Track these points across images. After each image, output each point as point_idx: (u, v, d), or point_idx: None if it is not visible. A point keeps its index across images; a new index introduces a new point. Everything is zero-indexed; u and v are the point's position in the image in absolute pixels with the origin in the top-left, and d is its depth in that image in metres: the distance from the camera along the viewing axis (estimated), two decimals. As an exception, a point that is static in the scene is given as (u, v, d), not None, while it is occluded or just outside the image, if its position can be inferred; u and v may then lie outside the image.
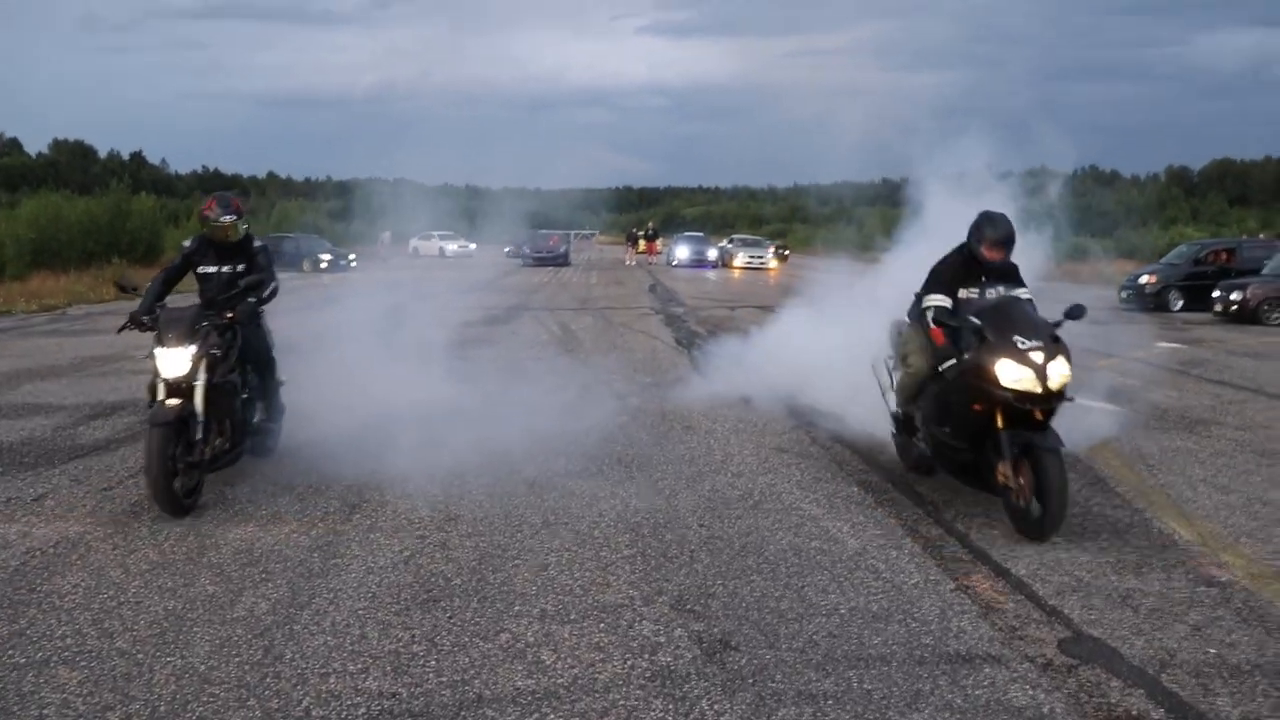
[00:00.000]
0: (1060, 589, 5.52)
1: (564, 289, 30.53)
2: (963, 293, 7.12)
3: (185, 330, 6.82)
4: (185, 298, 7.66)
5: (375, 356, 11.04)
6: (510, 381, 11.73)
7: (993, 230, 7.06)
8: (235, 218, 7.56)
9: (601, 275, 39.50)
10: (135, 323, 7.22)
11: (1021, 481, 6.33)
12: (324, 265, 39.16)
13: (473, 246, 47.06)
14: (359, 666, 4.46)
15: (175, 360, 6.74)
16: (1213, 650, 4.72)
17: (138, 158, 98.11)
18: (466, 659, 4.55)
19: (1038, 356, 6.28)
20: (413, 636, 4.79)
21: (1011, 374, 6.26)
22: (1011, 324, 6.48)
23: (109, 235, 36.35)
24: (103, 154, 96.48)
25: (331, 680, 4.33)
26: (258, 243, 7.83)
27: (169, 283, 7.65)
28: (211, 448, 6.91)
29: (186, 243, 7.88)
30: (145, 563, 5.80)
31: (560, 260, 44.74)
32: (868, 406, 9.31)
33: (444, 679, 4.34)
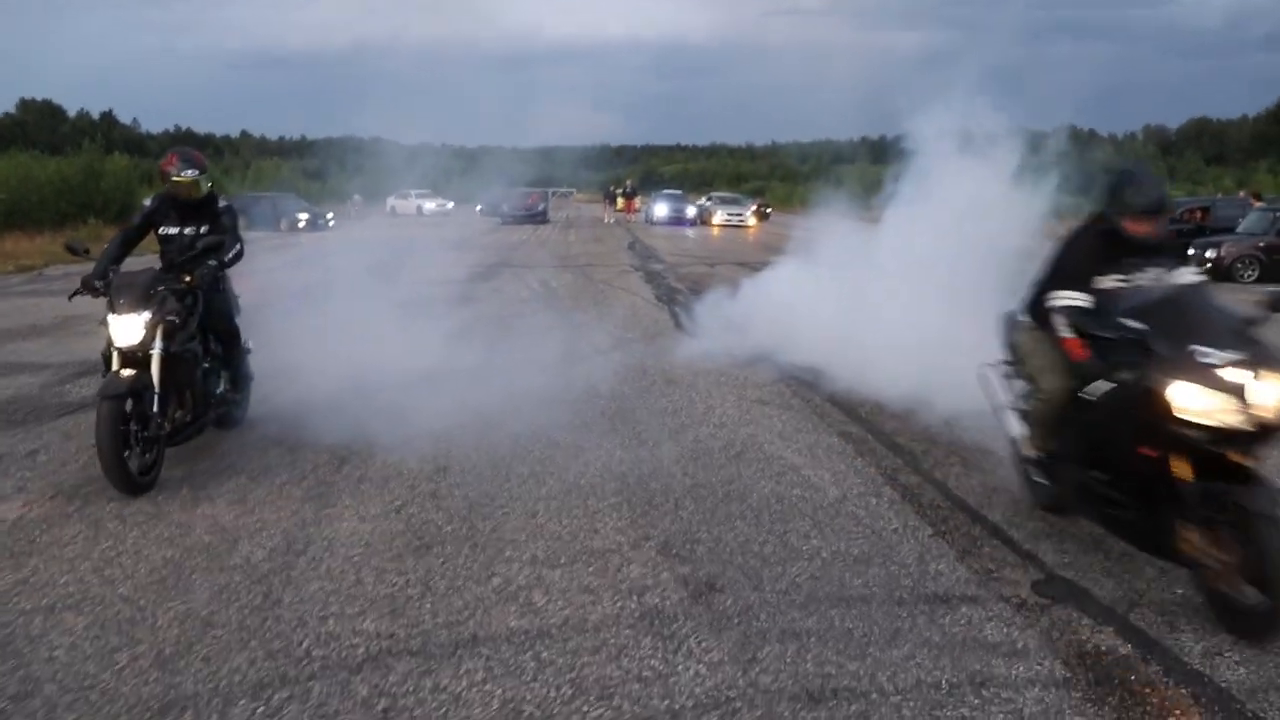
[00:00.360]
0: (1035, 534, 5.69)
1: (543, 246, 30.57)
2: (1104, 281, 5.29)
3: (139, 296, 6.38)
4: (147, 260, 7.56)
5: (357, 315, 11.09)
6: (493, 338, 11.82)
7: (1139, 194, 5.22)
8: (197, 173, 7.09)
9: (580, 233, 39.50)
10: (88, 288, 6.74)
11: (1222, 557, 4.41)
12: (301, 225, 38.87)
13: (450, 205, 46.86)
14: (356, 610, 4.60)
15: (128, 328, 6.33)
16: (1179, 590, 4.90)
17: (108, 117, 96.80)
18: (461, 601, 4.69)
19: (1235, 374, 4.37)
20: (407, 581, 4.93)
21: (1196, 402, 4.38)
22: (1189, 327, 4.60)
23: (82, 196, 36.07)
24: (72, 113, 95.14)
25: (330, 623, 4.46)
26: (223, 202, 7.35)
27: (127, 244, 7.21)
28: (171, 421, 6.60)
29: (147, 201, 7.37)
30: (141, 514, 5.91)
31: (538, 218, 44.58)
32: (848, 361, 9.52)
33: (440, 620, 4.49)
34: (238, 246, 7.21)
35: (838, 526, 5.79)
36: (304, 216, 39.26)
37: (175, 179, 7.05)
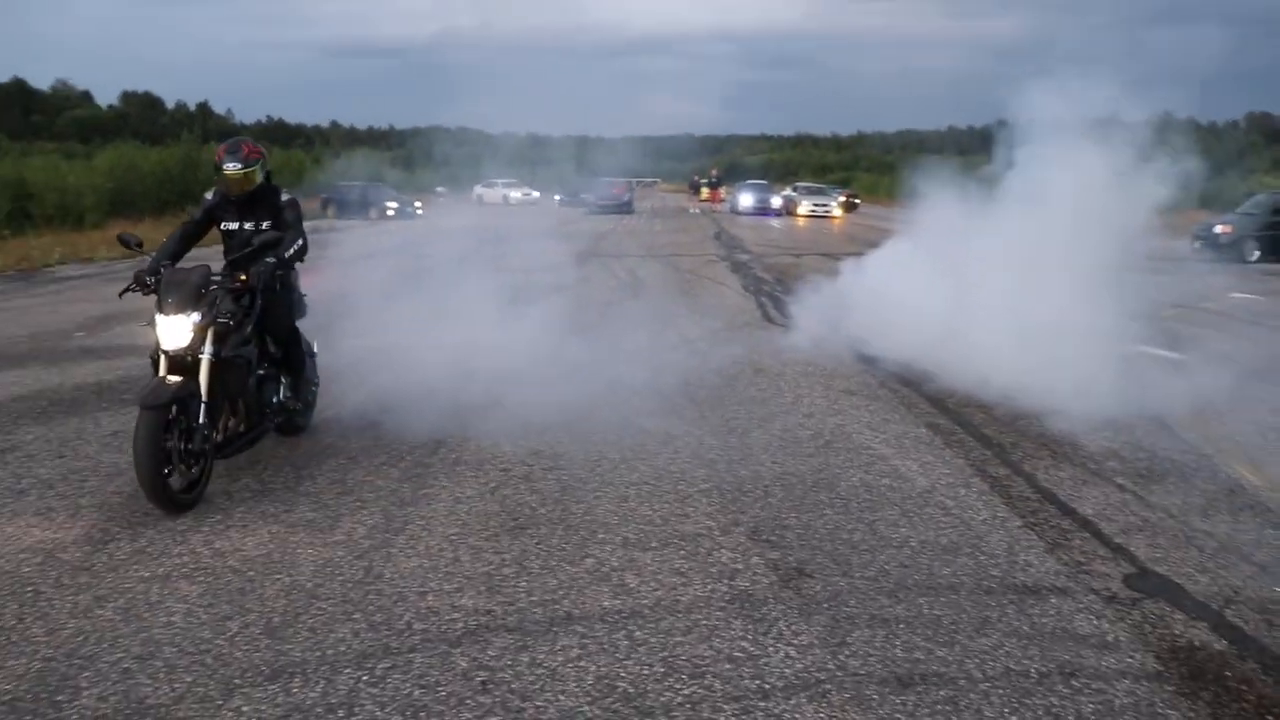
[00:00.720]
0: (1126, 528, 5.65)
1: (630, 236, 30.64)
2: None
3: (188, 295, 5.84)
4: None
5: (449, 302, 11.31)
6: (583, 326, 11.94)
7: None
8: (242, 166, 6.46)
9: (666, 223, 39.56)
10: (139, 283, 6.20)
11: None
12: (390, 213, 39.49)
13: (536, 194, 47.20)
14: (454, 586, 4.74)
15: (175, 330, 5.79)
16: (1279, 589, 4.83)
17: (204, 108, 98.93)
18: (555, 581, 4.81)
19: None
20: (503, 560, 5.06)
21: None
22: None
23: (181, 185, 37.12)
24: (170, 105, 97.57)
25: (429, 598, 4.61)
26: (285, 195, 6.73)
27: (187, 239, 6.64)
28: (224, 430, 6.19)
29: (209, 194, 6.79)
30: (247, 491, 6.13)
31: (624, 208, 44.64)
32: (938, 353, 9.48)
33: (535, 598, 4.61)
34: (299, 242, 6.58)
35: (926, 516, 5.81)
36: (393, 205, 39.84)
37: (223, 172, 6.50)
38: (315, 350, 7.61)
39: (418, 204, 40.25)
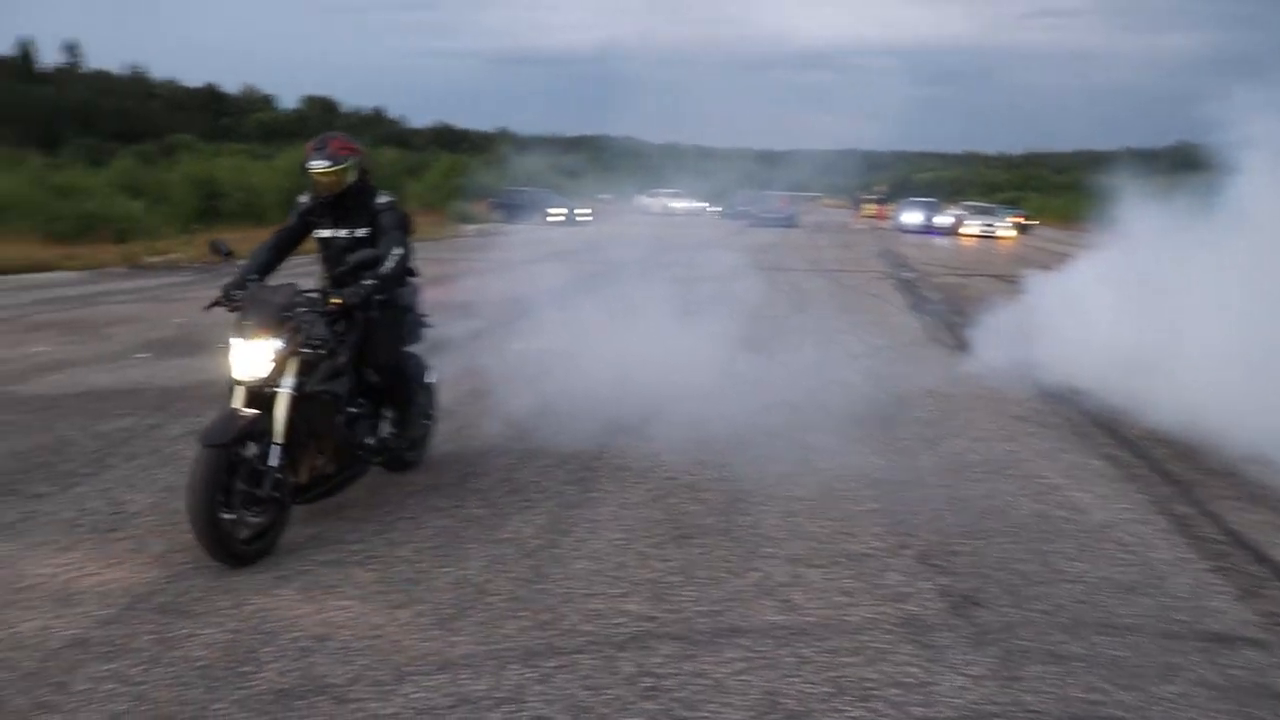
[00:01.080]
0: (1330, 581, 5.31)
1: (794, 250, 30.38)
2: None
3: (270, 318, 5.12)
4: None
5: (616, 308, 11.39)
6: (746, 338, 11.87)
7: None
8: (330, 164, 5.70)
9: (829, 238, 39.13)
10: (227, 299, 5.57)
11: None
12: (558, 219, 40.15)
13: (702, 205, 47.31)
14: (620, 591, 4.77)
15: (252, 357, 5.09)
16: None
17: (378, 112, 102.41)
18: (720, 592, 4.79)
19: None
20: (669, 568, 5.07)
21: None
22: None
23: (353, 186, 38.52)
24: (345, 109, 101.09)
25: (595, 601, 4.65)
26: (383, 198, 5.93)
27: (280, 248, 5.97)
28: (310, 470, 5.44)
29: (303, 197, 6.02)
30: (417, 485, 6.31)
31: (788, 222, 44.37)
32: (1120, 381, 9.06)
33: (700, 608, 4.60)
34: (398, 253, 5.71)
35: (1104, 551, 5.57)
36: (561, 212, 40.54)
37: (309, 172, 5.78)
38: (433, 378, 6.79)
39: (583, 211, 40.82)
